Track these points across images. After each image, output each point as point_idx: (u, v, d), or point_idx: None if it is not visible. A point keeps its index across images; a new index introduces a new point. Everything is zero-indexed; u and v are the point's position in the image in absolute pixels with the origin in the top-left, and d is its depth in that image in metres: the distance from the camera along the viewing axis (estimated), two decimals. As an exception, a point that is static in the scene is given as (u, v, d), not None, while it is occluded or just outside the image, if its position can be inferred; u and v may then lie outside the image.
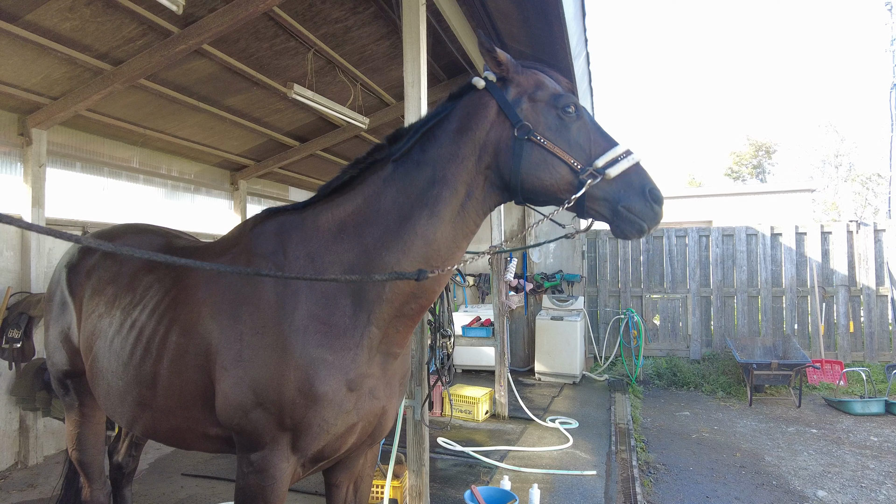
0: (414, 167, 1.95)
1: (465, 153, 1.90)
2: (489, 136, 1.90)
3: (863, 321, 8.94)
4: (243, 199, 8.01)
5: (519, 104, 1.90)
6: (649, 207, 1.79)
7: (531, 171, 1.85)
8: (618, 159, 1.81)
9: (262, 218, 2.19)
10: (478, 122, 1.91)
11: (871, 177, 29.14)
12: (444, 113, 1.99)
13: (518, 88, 1.93)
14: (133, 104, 5.54)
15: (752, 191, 19.82)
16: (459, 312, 8.89)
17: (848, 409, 6.98)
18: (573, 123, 1.88)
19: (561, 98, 1.89)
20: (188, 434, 2.15)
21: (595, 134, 1.89)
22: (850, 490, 4.65)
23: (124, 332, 2.24)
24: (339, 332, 1.90)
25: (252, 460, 1.92)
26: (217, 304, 2.02)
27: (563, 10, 3.99)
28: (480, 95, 1.95)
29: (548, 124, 1.87)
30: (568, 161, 1.82)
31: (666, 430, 6.44)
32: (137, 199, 6.46)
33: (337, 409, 1.87)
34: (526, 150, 1.85)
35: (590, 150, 1.85)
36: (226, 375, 1.93)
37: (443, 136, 1.95)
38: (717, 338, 9.38)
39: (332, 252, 1.97)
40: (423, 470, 3.48)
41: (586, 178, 1.79)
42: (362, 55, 5.71)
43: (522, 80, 1.94)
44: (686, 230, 9.82)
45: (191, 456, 5.02)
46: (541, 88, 1.93)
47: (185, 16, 4.28)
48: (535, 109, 1.89)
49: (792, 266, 9.23)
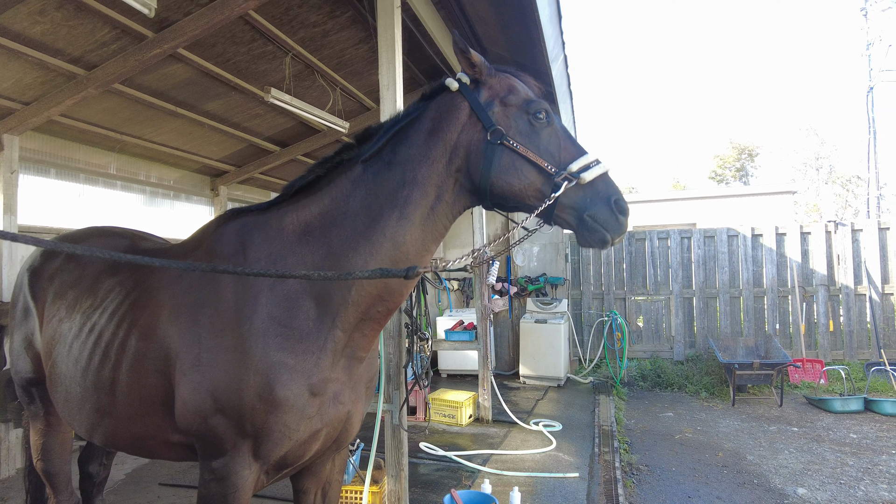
0: (384, 168, 1.92)
1: (436, 155, 1.89)
2: (460, 139, 1.88)
3: (842, 320, 9.05)
4: (224, 205, 7.94)
5: (490, 107, 1.89)
6: (614, 218, 1.78)
7: (501, 175, 1.84)
8: (589, 166, 1.81)
9: (225, 219, 2.16)
10: (450, 123, 1.90)
11: (851, 178, 29.62)
12: (415, 113, 1.97)
13: (490, 91, 1.92)
14: (109, 109, 5.47)
15: (735, 193, 20.03)
16: (444, 317, 8.87)
17: (828, 407, 7.05)
18: (543, 129, 1.87)
19: (532, 103, 1.88)
20: (150, 442, 2.10)
21: (565, 141, 1.89)
22: (829, 487, 4.69)
23: (83, 337, 2.19)
24: (301, 336, 1.86)
25: (213, 468, 1.88)
26: (177, 307, 1.98)
27: (538, 13, 4.01)
28: (453, 97, 1.93)
29: (518, 129, 1.86)
30: (542, 165, 1.81)
31: (649, 431, 6.46)
32: (115, 206, 6.38)
33: (299, 414, 1.83)
34: (497, 154, 1.84)
35: (559, 156, 1.85)
36: (185, 380, 1.88)
37: (414, 136, 1.93)
38: (700, 339, 9.44)
39: (295, 253, 1.94)
40: (402, 475, 3.45)
41: (562, 180, 1.79)
42: (341, 59, 5.69)
43: (495, 83, 1.93)
44: (668, 232, 9.90)
45: (169, 465, 4.94)
46: (513, 93, 1.92)
47: (158, 20, 4.24)
48: (507, 114, 1.89)
49: (773, 266, 9.33)
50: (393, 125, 1.98)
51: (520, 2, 4.17)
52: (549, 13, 4.24)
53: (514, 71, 2.02)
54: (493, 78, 1.94)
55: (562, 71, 5.34)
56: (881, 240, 9.00)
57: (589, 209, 1.79)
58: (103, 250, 1.43)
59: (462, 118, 1.90)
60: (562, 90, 5.73)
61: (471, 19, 5.33)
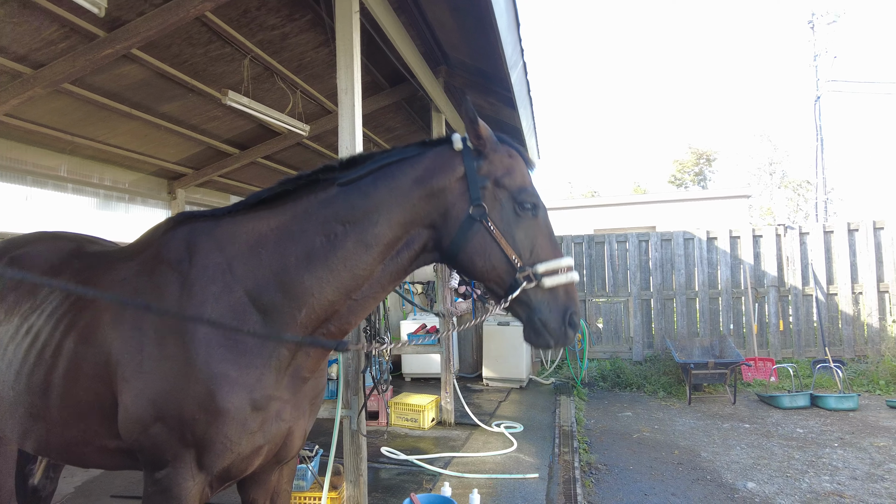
0: (360, 197, 1.89)
1: (417, 203, 1.88)
2: (445, 199, 1.88)
3: (791, 320, 9.43)
4: (182, 209, 7.77)
5: (483, 182, 1.87)
6: (563, 330, 1.81)
7: (470, 251, 1.85)
8: (557, 272, 1.82)
9: (175, 222, 2.11)
10: (441, 179, 1.88)
11: (802, 183, 30.89)
12: (409, 155, 1.95)
13: (489, 167, 1.90)
14: (58, 110, 5.31)
15: (694, 197, 20.62)
16: (407, 320, 8.87)
17: (777, 403, 7.33)
18: (527, 221, 1.87)
19: (524, 193, 1.88)
20: (84, 448, 2.04)
21: (544, 238, 1.89)
22: (776, 480, 4.88)
23: (19, 339, 2.12)
24: (245, 350, 1.83)
25: (156, 479, 1.84)
26: (119, 311, 1.93)
27: (496, 20, 4.06)
28: (452, 155, 1.92)
29: (502, 214, 1.86)
30: (510, 256, 1.82)
31: (608, 430, 6.60)
32: (66, 210, 6.18)
33: (240, 427, 1.81)
34: (473, 230, 1.84)
35: (533, 251, 1.85)
36: (127, 387, 1.84)
37: (401, 176, 1.91)
38: (658, 339, 9.69)
39: (246, 265, 1.91)
40: (361, 480, 3.44)
41: (522, 279, 1.80)
42: (301, 62, 5.65)
43: (496, 159, 1.92)
44: (627, 235, 10.13)
45: (122, 476, 4.80)
46: (509, 175, 1.90)
47: (110, 19, 4.14)
48: (496, 195, 1.88)
49: (727, 269, 9.65)
50: (383, 158, 1.95)
51: (478, 9, 4.22)
52: (507, 21, 4.30)
53: (515, 146, 2.00)
54: (495, 154, 1.92)
55: (521, 77, 5.41)
56: (826, 243, 9.41)
57: (542, 314, 1.81)
58: (25, 273, 1.39)
59: (453, 180, 1.88)
60: (521, 96, 5.81)
61: (432, 25, 5.37)
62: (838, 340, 9.19)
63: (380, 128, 8.09)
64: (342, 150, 3.54)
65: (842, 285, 9.28)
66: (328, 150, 8.25)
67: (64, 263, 2.26)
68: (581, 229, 14.62)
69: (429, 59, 5.69)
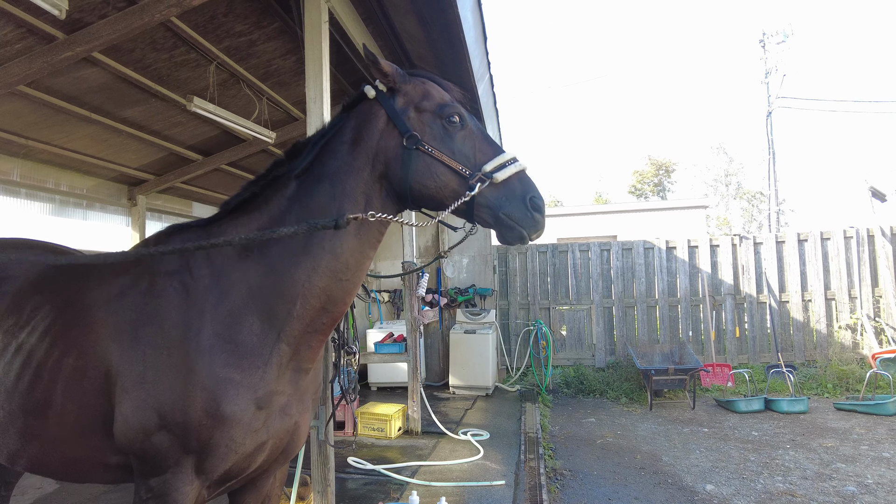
0: (315, 182, 1.96)
1: (361, 164, 1.94)
2: (380, 146, 1.94)
3: (746, 326, 9.77)
4: (142, 216, 7.59)
5: (406, 113, 1.95)
6: (529, 215, 1.86)
7: (419, 179, 1.91)
8: (504, 165, 1.88)
9: (166, 234, 2.12)
10: (369, 132, 1.96)
11: (756, 194, 32.09)
12: (339, 125, 2.02)
13: (405, 98, 1.97)
14: (12, 112, 5.13)
15: (653, 207, 21.20)
16: (374, 329, 8.84)
17: (734, 407, 7.59)
18: (457, 132, 1.94)
19: (446, 108, 1.95)
20: (84, 464, 2.01)
21: (481, 142, 1.96)
22: (733, 482, 5.05)
23: (8, 357, 2.05)
24: (246, 351, 1.87)
25: (151, 486, 1.82)
26: (118, 325, 1.91)
27: (464, 34, 4.14)
28: (371, 105, 1.98)
29: (433, 133, 1.93)
30: (456, 168, 1.89)
31: (573, 436, 6.70)
32: (18, 216, 5.96)
33: (245, 428, 1.84)
34: (414, 158, 1.91)
35: (475, 157, 1.92)
36: (127, 398, 1.83)
37: (339, 148, 1.98)
38: (620, 346, 9.90)
39: (238, 270, 1.95)
40: (329, 490, 3.42)
41: (475, 182, 1.86)
42: (268, 69, 5.62)
43: (409, 89, 1.99)
44: (589, 245, 10.34)
45: (78, 492, 4.63)
46: (427, 98, 1.98)
47: (70, 21, 4.04)
48: (422, 119, 1.95)
49: (686, 277, 9.95)
50: (319, 139, 2.01)
51: (446, 22, 4.30)
52: (475, 34, 4.39)
53: (430, 76, 2.08)
54: (407, 84, 1.99)
55: (488, 90, 5.51)
56: (778, 252, 9.82)
57: (504, 208, 1.87)
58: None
59: (380, 126, 1.95)
60: (488, 108, 5.91)
61: (400, 36, 5.41)
62: (790, 346, 9.57)
63: (347, 136, 8.08)
64: (311, 159, 3.55)
65: (793, 293, 9.68)
66: (294, 157, 8.18)
67: (44, 278, 2.19)
68: (544, 238, 14.84)
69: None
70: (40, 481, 4.77)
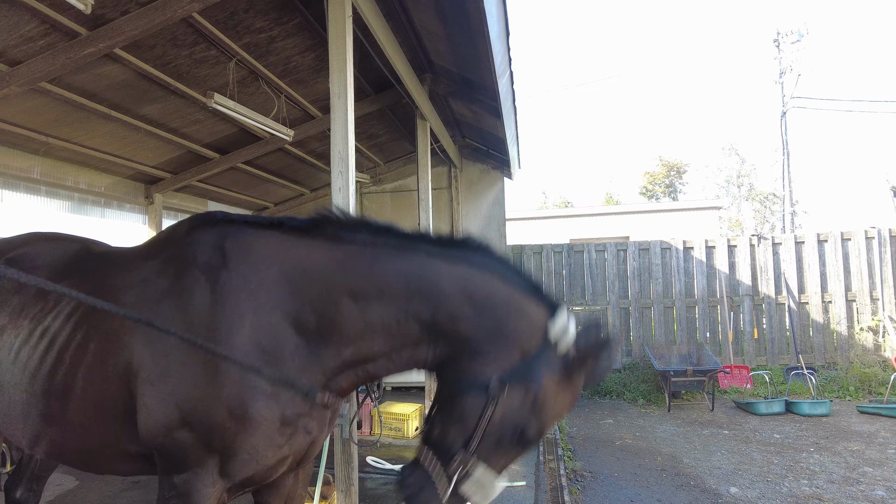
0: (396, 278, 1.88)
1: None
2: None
3: (765, 328, 9.65)
4: (159, 214, 7.59)
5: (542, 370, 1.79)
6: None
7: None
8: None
9: (200, 222, 2.07)
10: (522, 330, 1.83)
11: (769, 196, 31.77)
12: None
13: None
14: (33, 109, 5.13)
15: (666, 208, 21.02)
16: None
17: (754, 410, 7.47)
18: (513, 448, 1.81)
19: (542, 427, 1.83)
20: (102, 453, 1.99)
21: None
22: (758, 485, 4.95)
23: (33, 341, 2.04)
24: (282, 368, 1.81)
25: (175, 483, 1.80)
26: (143, 313, 1.86)
27: (488, 28, 4.08)
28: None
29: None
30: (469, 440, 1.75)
31: (591, 438, 6.63)
32: (38, 214, 5.97)
33: (268, 440, 1.80)
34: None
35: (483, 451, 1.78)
36: (151, 390, 1.80)
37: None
38: (637, 347, 9.80)
39: (284, 287, 1.89)
40: (353, 489, 3.38)
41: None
42: (287, 66, 5.59)
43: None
44: (605, 245, 10.26)
45: (96, 489, 4.63)
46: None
47: (94, 17, 4.03)
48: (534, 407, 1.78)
49: (703, 278, 9.84)
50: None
51: (468, 18, 4.25)
52: (498, 29, 4.33)
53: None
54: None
55: (507, 87, 5.45)
56: (797, 253, 9.68)
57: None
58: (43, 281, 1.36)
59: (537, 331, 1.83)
60: (507, 105, 5.85)
61: (419, 32, 5.38)
62: (810, 348, 9.43)
63: (363, 134, 8.05)
64: (334, 155, 3.51)
65: (812, 294, 9.54)
66: (310, 156, 8.17)
67: (71, 265, 2.19)
68: (557, 238, 14.75)
69: (414, 66, 5.69)
70: (60, 478, 4.77)
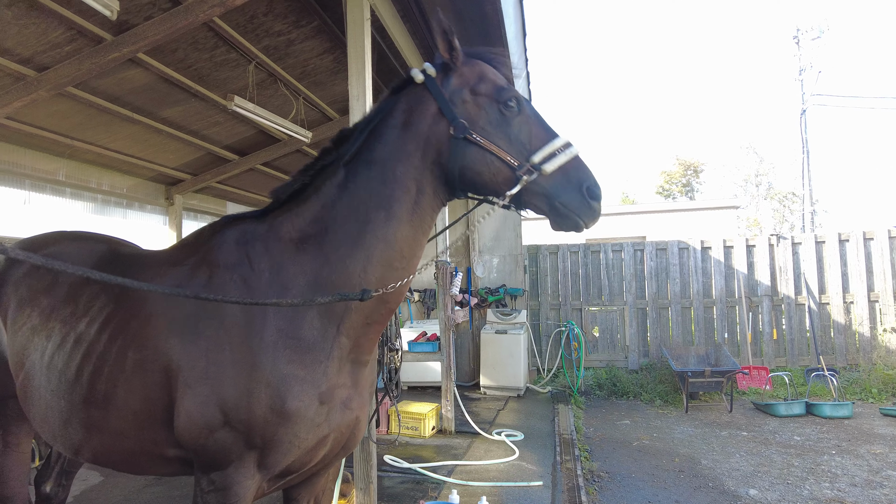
0: (364, 168, 1.90)
1: (411, 149, 1.88)
2: (431, 131, 1.87)
3: (784, 329, 9.52)
4: (179, 215, 7.72)
5: (460, 96, 1.87)
6: (586, 204, 1.79)
7: (469, 167, 1.85)
8: (555, 153, 1.79)
9: (221, 225, 2.09)
10: (420, 117, 1.88)
11: (787, 195, 31.35)
12: (386, 109, 1.94)
13: (460, 80, 1.88)
14: (60, 113, 5.27)
15: (683, 207, 20.86)
16: (405, 328, 8.84)
17: (773, 411, 7.39)
18: (515, 118, 1.85)
19: (504, 91, 1.86)
20: (143, 457, 2.02)
21: (536, 127, 1.87)
22: (777, 487, 4.90)
23: (67, 348, 2.06)
24: (308, 346, 1.84)
25: (213, 479, 1.82)
26: (177, 318, 1.90)
27: (504, 29, 4.11)
28: (420, 89, 1.91)
29: (490, 119, 1.85)
30: (505, 158, 1.81)
31: (608, 438, 6.60)
32: (63, 214, 6.12)
33: (309, 423, 1.82)
34: (462, 147, 1.84)
35: (530, 144, 1.83)
36: (189, 393, 1.82)
37: (388, 132, 1.91)
38: (654, 348, 9.73)
39: (296, 263, 1.92)
40: (371, 487, 3.42)
41: (522, 174, 1.78)
42: (305, 69, 5.66)
43: (466, 71, 1.90)
44: (622, 245, 10.20)
45: (122, 485, 4.72)
46: (483, 81, 1.88)
47: (118, 23, 4.12)
48: (478, 103, 1.86)
49: (721, 278, 9.74)
50: (366, 124, 1.95)
51: (485, 18, 4.27)
52: (515, 30, 4.36)
53: (483, 54, 1.99)
54: (465, 66, 1.90)
55: (524, 87, 5.47)
56: (818, 253, 9.54)
57: (560, 196, 1.79)
58: (88, 270, 1.39)
59: (430, 111, 1.88)
60: (524, 105, 5.86)
61: (434, 32, 5.41)
62: (830, 349, 9.29)
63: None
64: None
65: (833, 295, 9.40)
66: (327, 157, 8.24)
67: (99, 266, 2.20)
68: (573, 238, 14.68)
69: (431, 67, 5.73)
70: (85, 474, 4.88)
